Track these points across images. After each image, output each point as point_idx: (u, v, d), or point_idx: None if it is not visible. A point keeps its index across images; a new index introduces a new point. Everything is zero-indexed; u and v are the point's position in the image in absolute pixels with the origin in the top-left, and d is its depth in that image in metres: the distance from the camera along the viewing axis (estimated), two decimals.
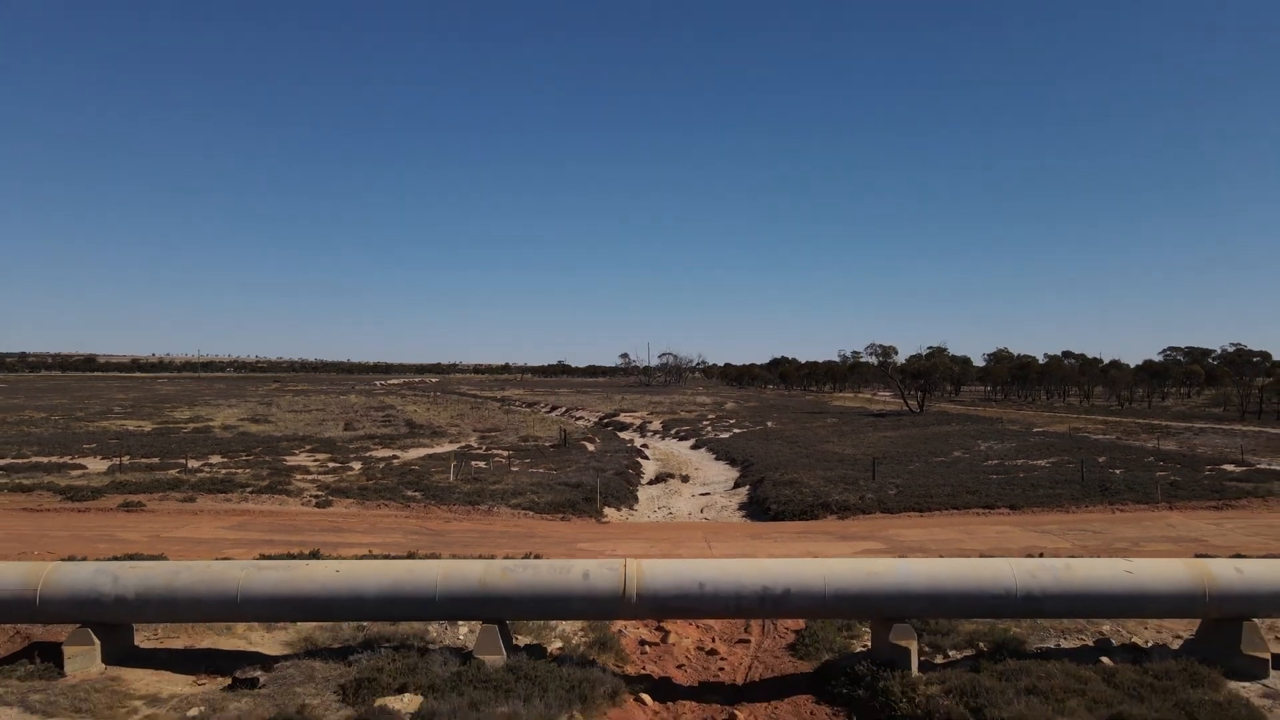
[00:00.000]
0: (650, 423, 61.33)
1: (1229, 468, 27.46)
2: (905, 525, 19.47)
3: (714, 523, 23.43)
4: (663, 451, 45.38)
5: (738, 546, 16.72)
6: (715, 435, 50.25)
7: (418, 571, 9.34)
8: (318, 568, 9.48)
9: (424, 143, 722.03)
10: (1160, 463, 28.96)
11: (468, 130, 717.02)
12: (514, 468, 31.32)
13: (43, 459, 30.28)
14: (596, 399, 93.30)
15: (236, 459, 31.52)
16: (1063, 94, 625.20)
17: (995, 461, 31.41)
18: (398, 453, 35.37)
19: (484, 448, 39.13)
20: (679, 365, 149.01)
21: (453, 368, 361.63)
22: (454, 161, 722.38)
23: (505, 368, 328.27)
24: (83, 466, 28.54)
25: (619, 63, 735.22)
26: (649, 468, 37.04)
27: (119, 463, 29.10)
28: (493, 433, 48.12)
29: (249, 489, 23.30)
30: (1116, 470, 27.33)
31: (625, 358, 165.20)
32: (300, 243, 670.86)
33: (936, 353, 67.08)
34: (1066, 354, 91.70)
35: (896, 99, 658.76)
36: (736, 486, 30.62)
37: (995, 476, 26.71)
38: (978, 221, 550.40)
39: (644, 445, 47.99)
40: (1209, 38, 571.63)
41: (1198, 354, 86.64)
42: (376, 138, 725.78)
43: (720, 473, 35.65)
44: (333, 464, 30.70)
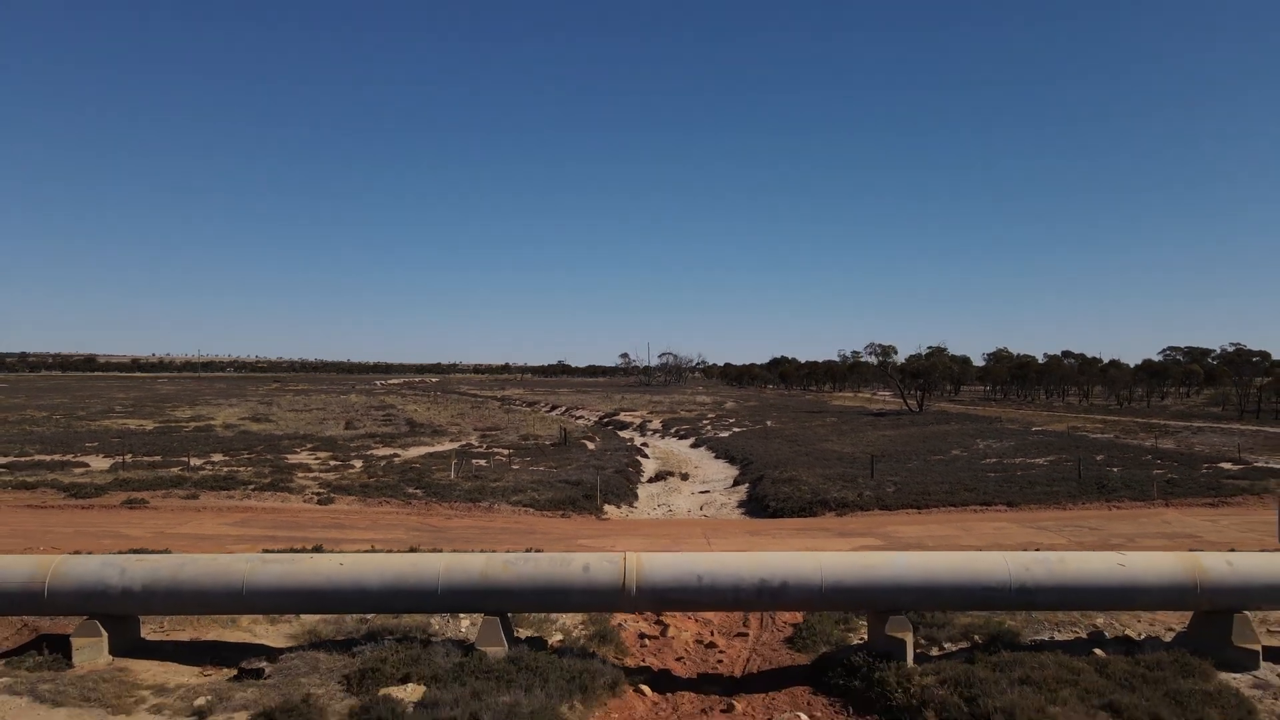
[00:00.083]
0: (650, 422, 61.46)
1: (1226, 466, 27.59)
2: (903, 522, 19.60)
3: (713, 520, 23.57)
4: (662, 450, 45.51)
5: (737, 543, 16.85)
6: (715, 434, 50.36)
7: (420, 565, 9.46)
8: (322, 561, 9.60)
9: (424, 143, 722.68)
10: (1158, 461, 29.09)
11: (468, 130, 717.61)
12: (514, 466, 31.47)
13: (45, 457, 30.43)
14: (596, 398, 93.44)
15: (238, 457, 31.66)
16: (1063, 94, 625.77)
17: (993, 460, 31.54)
18: (398, 451, 35.51)
19: (484, 446, 39.28)
20: (679, 365, 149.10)
21: (453, 368, 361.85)
22: (454, 161, 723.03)
23: (505, 368, 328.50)
24: (85, 464, 28.68)
25: (619, 63, 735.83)
26: (649, 466, 37.18)
27: (122, 460, 29.24)
28: (493, 431, 48.26)
29: (251, 486, 23.45)
30: (1114, 468, 27.46)
31: (625, 358, 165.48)
32: (300, 243, 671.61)
33: (936, 352, 67.22)
34: (1066, 354, 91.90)
35: (896, 99, 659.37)
36: (736, 484, 30.75)
37: (993, 474, 26.85)
38: (978, 221, 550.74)
39: (644, 444, 48.12)
40: (1209, 38, 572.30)
41: (1197, 354, 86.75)
42: (376, 138, 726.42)
43: (720, 471, 35.78)
44: (334, 462, 30.84)
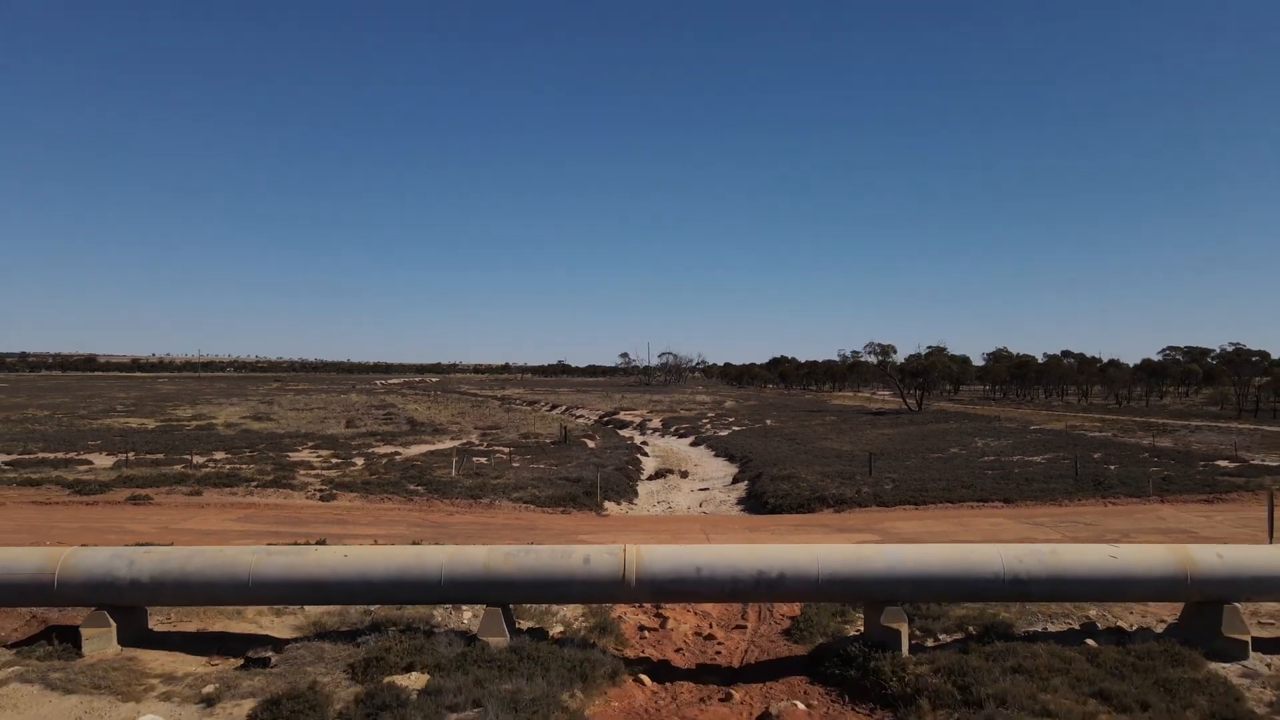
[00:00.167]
0: (650, 420, 61.61)
1: (1222, 463, 27.75)
2: (900, 518, 19.75)
3: (712, 516, 23.72)
4: (662, 448, 45.66)
5: (735, 538, 16.99)
6: (714, 433, 50.51)
7: (424, 556, 9.62)
8: (326, 553, 9.77)
9: (424, 143, 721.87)
10: (1155, 459, 29.24)
11: (468, 130, 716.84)
12: (515, 463, 31.63)
13: (49, 455, 30.59)
14: (596, 398, 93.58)
15: (240, 455, 31.82)
16: (1063, 94, 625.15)
17: (991, 458, 31.69)
18: (400, 449, 35.67)
19: (485, 444, 39.44)
20: (679, 365, 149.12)
21: (453, 367, 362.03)
22: (454, 161, 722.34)
23: (505, 367, 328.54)
24: (88, 462, 28.84)
25: (619, 63, 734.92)
26: (649, 464, 37.33)
27: (125, 458, 29.40)
28: (494, 430, 48.43)
29: (254, 483, 23.62)
30: (1111, 466, 27.62)
31: (625, 357, 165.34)
32: (300, 243, 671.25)
33: (935, 352, 67.30)
34: (1065, 353, 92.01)
35: (896, 99, 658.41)
36: (735, 482, 30.90)
37: (991, 472, 27.00)
38: (978, 221, 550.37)
39: (644, 442, 48.28)
40: (1209, 38, 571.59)
41: (1197, 353, 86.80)
42: (376, 138, 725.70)
43: (719, 469, 35.93)
44: (336, 460, 31.00)
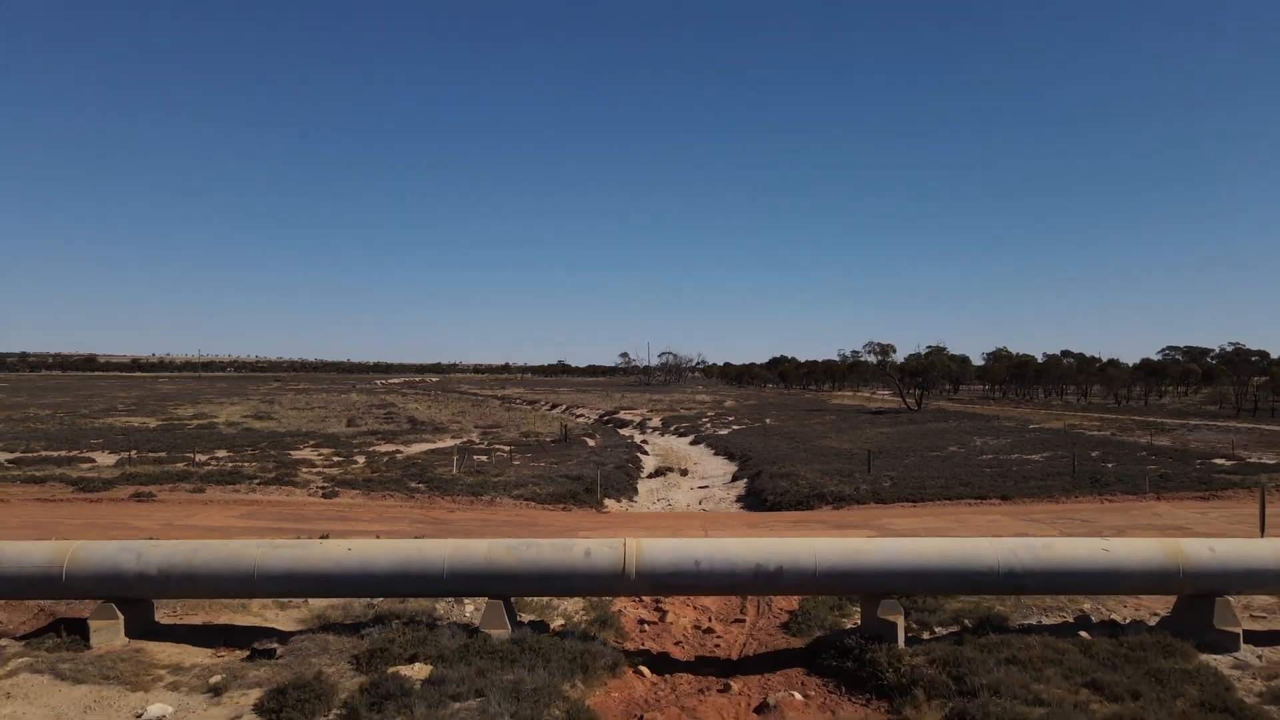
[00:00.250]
0: (650, 420, 61.75)
1: (1220, 461, 27.90)
2: (898, 515, 19.88)
3: (712, 513, 23.87)
4: (662, 447, 45.80)
5: (735, 535, 17.13)
6: (714, 431, 50.65)
7: (427, 550, 9.75)
8: (331, 546, 9.90)
9: (424, 143, 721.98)
10: (1152, 457, 29.38)
11: (468, 130, 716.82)
12: (516, 461, 31.77)
13: (52, 453, 30.74)
14: (596, 397, 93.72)
15: (242, 453, 31.97)
16: (1063, 94, 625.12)
17: (990, 456, 31.83)
18: (400, 448, 35.82)
19: (486, 443, 39.59)
20: (679, 364, 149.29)
21: (453, 367, 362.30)
22: (454, 161, 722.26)
23: (505, 367, 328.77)
24: (91, 460, 28.98)
25: (619, 63, 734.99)
26: (649, 462, 37.47)
27: (127, 456, 29.54)
28: (494, 429, 48.57)
29: (256, 480, 23.76)
30: (1109, 464, 27.76)
31: (625, 357, 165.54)
32: (300, 243, 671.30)
33: (935, 351, 67.46)
34: (1065, 353, 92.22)
35: (896, 99, 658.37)
36: (734, 480, 31.05)
37: (989, 470, 27.14)
38: (978, 221, 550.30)
39: (644, 441, 48.43)
40: (1209, 38, 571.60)
41: (1196, 353, 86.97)
42: (376, 138, 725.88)
43: (719, 467, 36.07)
44: (337, 458, 31.15)
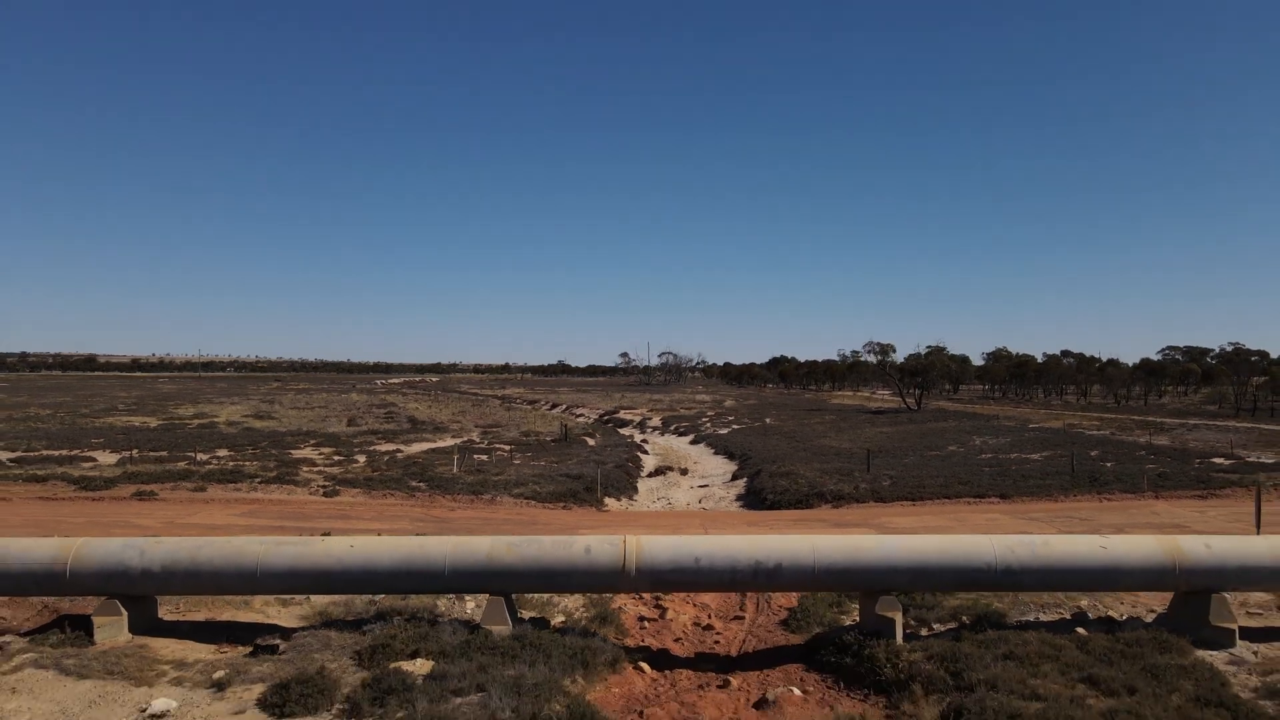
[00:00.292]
0: (650, 419, 61.81)
1: (1218, 461, 27.96)
2: (898, 513, 19.95)
3: (712, 512, 23.93)
4: (662, 446, 45.87)
5: (734, 533, 17.20)
6: (714, 431, 50.71)
7: (428, 547, 9.82)
8: (333, 543, 9.97)
9: (424, 143, 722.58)
10: (1151, 456, 29.45)
11: (468, 130, 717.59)
12: (516, 460, 31.84)
13: (53, 452, 30.80)
14: (596, 397, 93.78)
15: (243, 452, 32.03)
16: (1063, 94, 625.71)
17: (989, 455, 31.89)
18: (401, 447, 35.88)
19: (486, 442, 39.66)
20: (679, 364, 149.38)
21: (453, 367, 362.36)
22: (454, 161, 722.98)
23: (505, 367, 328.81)
24: (93, 459, 29.05)
25: (619, 63, 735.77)
26: (649, 461, 37.54)
27: (129, 455, 29.60)
28: (494, 428, 48.64)
29: (258, 479, 23.83)
30: (1108, 463, 27.83)
31: (625, 357, 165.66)
32: (300, 243, 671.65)
33: (935, 351, 67.55)
34: (1065, 353, 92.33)
35: (896, 99, 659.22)
36: (734, 479, 31.11)
37: (988, 469, 27.21)
38: (978, 221, 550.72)
39: (644, 440, 48.50)
40: (1209, 38, 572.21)
41: (1196, 353, 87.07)
42: (376, 138, 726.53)
43: (719, 466, 36.14)
44: (338, 457, 31.21)
